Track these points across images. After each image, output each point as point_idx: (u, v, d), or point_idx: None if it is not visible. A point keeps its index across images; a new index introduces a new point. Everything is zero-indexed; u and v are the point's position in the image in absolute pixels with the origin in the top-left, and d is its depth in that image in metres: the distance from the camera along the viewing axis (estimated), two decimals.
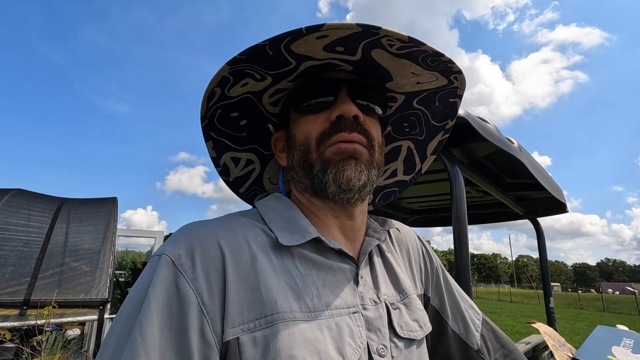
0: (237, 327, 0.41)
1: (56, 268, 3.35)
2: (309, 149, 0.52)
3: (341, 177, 0.49)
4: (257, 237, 0.49)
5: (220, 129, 0.59)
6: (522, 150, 1.40)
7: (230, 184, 0.66)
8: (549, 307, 2.20)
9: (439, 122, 0.67)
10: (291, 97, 0.57)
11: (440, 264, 0.72)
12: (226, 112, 0.57)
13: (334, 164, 0.50)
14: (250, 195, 0.69)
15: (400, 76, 0.58)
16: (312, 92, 0.54)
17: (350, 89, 0.54)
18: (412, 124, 0.68)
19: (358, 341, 0.47)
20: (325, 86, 0.54)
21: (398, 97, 0.63)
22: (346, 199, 0.52)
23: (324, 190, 0.52)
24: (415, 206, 2.59)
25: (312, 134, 0.52)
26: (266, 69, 0.52)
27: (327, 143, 0.51)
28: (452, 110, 0.64)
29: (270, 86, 0.56)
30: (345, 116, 0.51)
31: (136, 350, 0.37)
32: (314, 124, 0.53)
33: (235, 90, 0.54)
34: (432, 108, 0.65)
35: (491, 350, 0.69)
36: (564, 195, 1.99)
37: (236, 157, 0.64)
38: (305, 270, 0.49)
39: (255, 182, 0.68)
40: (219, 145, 0.61)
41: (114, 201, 4.49)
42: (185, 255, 0.43)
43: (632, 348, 1.29)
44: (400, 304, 0.56)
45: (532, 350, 1.73)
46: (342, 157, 0.50)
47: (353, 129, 0.51)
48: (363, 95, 0.55)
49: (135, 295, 0.41)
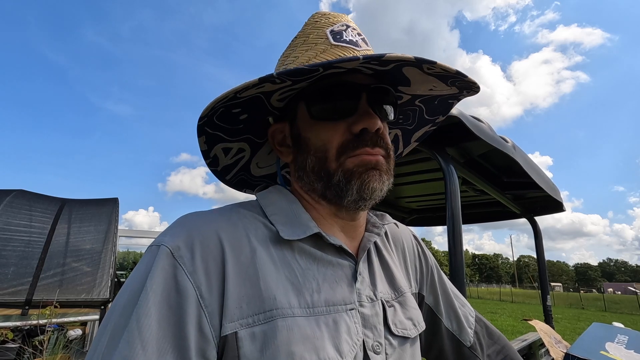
0: (236, 321, 0.41)
1: (58, 268, 3.37)
2: (328, 158, 0.51)
3: (366, 188, 0.50)
4: (257, 230, 0.49)
5: (217, 124, 0.57)
6: (517, 149, 1.42)
7: (218, 172, 0.65)
8: (546, 304, 2.22)
9: (431, 116, 0.68)
10: (305, 97, 0.54)
11: (435, 263, 0.72)
12: (228, 109, 0.55)
13: (357, 175, 0.50)
14: (236, 180, 0.68)
15: (418, 85, 0.57)
16: (331, 96, 0.52)
17: (370, 95, 0.52)
18: (406, 116, 0.69)
19: (354, 338, 0.47)
20: (345, 91, 0.52)
21: (405, 97, 0.64)
22: (362, 206, 0.52)
23: (340, 198, 0.51)
24: (413, 205, 2.60)
25: (333, 144, 0.51)
26: (291, 75, 0.48)
27: (349, 154, 0.50)
28: (446, 108, 0.65)
29: (286, 86, 0.53)
30: (369, 129, 0.50)
31: (133, 342, 0.36)
32: (333, 132, 0.51)
33: (248, 92, 0.51)
34: (430, 105, 0.65)
35: (484, 346, 0.70)
36: (560, 194, 2.00)
37: (227, 147, 0.62)
38: (306, 264, 0.49)
39: (242, 168, 0.67)
40: (212, 138, 0.59)
41: (115, 202, 4.51)
42: (185, 247, 0.43)
43: (626, 344, 1.30)
44: (395, 302, 0.56)
45: (529, 347, 1.74)
46: (365, 169, 0.50)
47: (376, 144, 0.51)
48: (380, 100, 0.54)
49: (133, 286, 0.41)
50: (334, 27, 0.55)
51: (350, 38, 0.54)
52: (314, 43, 0.55)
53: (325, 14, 0.58)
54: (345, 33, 0.54)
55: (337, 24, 0.56)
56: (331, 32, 0.54)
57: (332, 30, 0.55)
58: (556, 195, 1.93)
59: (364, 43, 0.55)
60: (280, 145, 0.59)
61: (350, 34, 0.55)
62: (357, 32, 0.56)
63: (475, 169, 1.62)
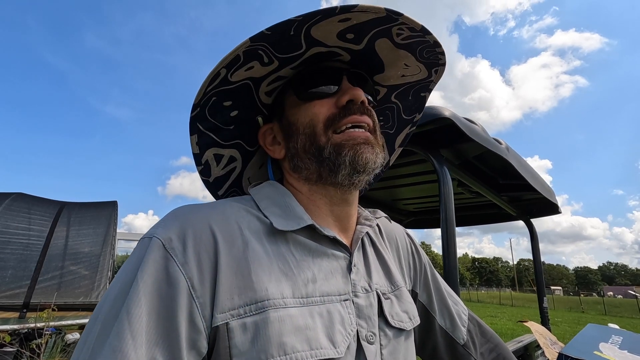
0: (227, 312, 0.41)
1: (56, 271, 3.37)
2: (316, 132, 0.53)
3: (360, 159, 0.50)
4: (250, 223, 0.49)
5: (209, 120, 0.58)
6: (510, 150, 1.44)
7: (210, 185, 0.65)
8: (542, 307, 2.22)
9: (408, 115, 0.71)
10: (293, 84, 0.58)
11: (427, 261, 0.73)
12: (220, 100, 0.56)
13: (349, 147, 0.51)
14: (228, 196, 0.68)
15: (391, 68, 0.61)
16: (316, 78, 0.56)
17: (350, 78, 0.57)
18: (386, 117, 0.72)
19: (348, 328, 0.47)
20: (328, 74, 0.56)
21: (381, 90, 0.67)
22: (356, 181, 0.53)
23: (334, 172, 0.52)
24: (411, 207, 2.61)
25: (319, 117, 0.54)
26: (277, 51, 0.52)
27: (337, 126, 0.52)
28: (420, 104, 0.69)
29: (272, 72, 0.56)
30: (355, 100, 0.53)
31: (123, 334, 0.36)
32: (320, 107, 0.54)
33: (238, 75, 0.54)
34: (405, 102, 0.69)
35: (477, 344, 0.71)
36: (555, 196, 2.02)
37: (219, 154, 0.63)
38: (301, 255, 0.49)
39: (234, 184, 0.68)
40: (204, 139, 0.60)
41: (114, 205, 4.52)
42: (177, 238, 0.43)
43: (619, 344, 1.31)
44: (392, 294, 0.57)
45: (525, 349, 1.75)
46: (357, 142, 0.51)
47: (363, 112, 0.54)
48: (360, 86, 0.57)
49: (124, 278, 0.41)
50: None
51: None
52: None
53: None
54: None
55: None
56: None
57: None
58: (551, 197, 1.94)
59: None
60: (272, 145, 0.61)
61: None
62: None
63: (470, 170, 1.64)
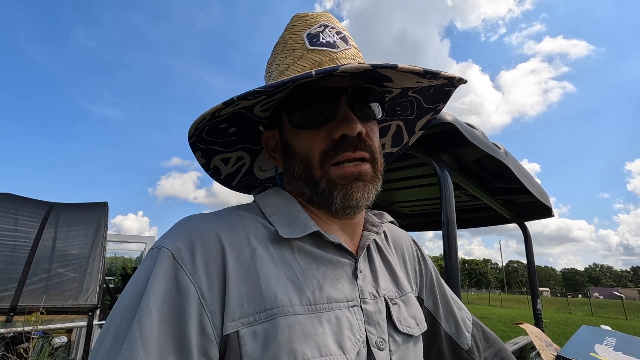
0: (237, 320, 0.41)
1: (44, 274, 3.29)
2: (312, 166, 0.51)
3: (350, 199, 0.50)
4: (256, 230, 0.49)
5: (208, 139, 0.57)
6: (508, 155, 1.45)
7: (222, 180, 0.66)
8: (536, 308, 2.25)
9: (431, 104, 0.65)
10: (285, 106, 0.55)
11: (433, 267, 0.73)
12: (214, 125, 0.55)
13: (340, 187, 0.50)
14: (242, 185, 0.69)
15: (402, 80, 0.57)
16: (309, 103, 0.51)
17: (350, 97, 0.51)
18: (404, 108, 0.68)
19: (357, 334, 0.47)
20: (322, 97, 0.51)
21: (394, 90, 0.63)
22: (351, 213, 0.53)
23: (327, 205, 0.52)
24: (406, 210, 2.63)
25: (315, 151, 0.51)
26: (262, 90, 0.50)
27: (332, 162, 0.50)
28: (445, 95, 0.62)
29: (262, 101, 0.54)
30: (348, 135, 0.49)
31: (135, 344, 0.36)
32: (315, 140, 0.51)
33: (225, 111, 0.52)
34: (426, 95, 0.64)
35: (481, 349, 0.71)
36: (549, 199, 2.05)
37: (226, 158, 0.63)
38: (306, 263, 0.49)
39: (246, 174, 0.68)
40: (208, 152, 0.59)
41: (104, 206, 4.43)
42: (185, 248, 0.43)
43: (614, 346, 1.33)
44: (399, 300, 0.57)
45: (520, 351, 1.77)
46: (348, 180, 0.50)
47: (357, 147, 0.50)
48: (363, 100, 0.53)
49: (134, 288, 0.41)
50: (311, 29, 0.54)
51: (327, 39, 0.53)
52: (291, 49, 0.54)
53: (303, 17, 0.57)
54: (322, 35, 0.54)
55: (314, 26, 0.55)
56: (308, 36, 0.54)
57: (308, 34, 0.54)
58: (545, 200, 1.97)
59: (343, 42, 0.54)
60: (274, 151, 0.60)
61: (327, 35, 0.54)
62: (337, 30, 0.55)
63: (467, 174, 1.65)
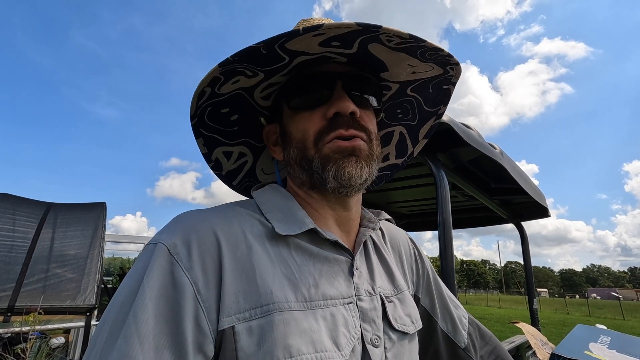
0: (233, 316, 0.41)
1: (42, 274, 3.29)
2: (306, 146, 0.52)
3: (342, 174, 0.50)
4: (253, 227, 0.50)
5: (210, 125, 0.58)
6: (504, 155, 1.47)
7: (223, 177, 0.66)
8: (532, 308, 2.27)
9: (432, 107, 0.66)
10: (284, 92, 0.56)
11: (430, 266, 0.73)
12: (216, 108, 0.56)
13: (333, 161, 0.50)
14: (243, 186, 0.69)
15: (396, 67, 0.57)
16: (306, 87, 0.53)
17: (346, 82, 0.53)
18: (405, 110, 0.67)
19: (352, 331, 0.47)
20: (319, 81, 0.52)
21: (392, 86, 0.63)
22: (345, 192, 0.52)
23: (323, 185, 0.52)
24: (404, 210, 2.64)
25: (310, 132, 0.52)
26: (258, 65, 0.51)
27: (325, 140, 0.51)
28: (445, 96, 0.63)
29: (262, 81, 0.55)
30: (342, 113, 0.50)
31: (130, 338, 0.37)
32: (310, 121, 0.52)
33: (225, 88, 0.53)
34: (426, 94, 0.64)
35: (477, 347, 0.71)
36: (545, 199, 2.06)
37: (228, 151, 0.63)
38: (302, 260, 0.49)
39: (248, 174, 0.68)
40: (210, 140, 0.60)
41: (102, 206, 4.42)
42: (181, 244, 0.43)
43: (608, 344, 1.35)
44: (395, 298, 0.57)
45: (516, 350, 1.78)
46: (342, 155, 0.50)
47: (350, 125, 0.51)
48: (358, 88, 0.54)
49: (130, 283, 0.41)
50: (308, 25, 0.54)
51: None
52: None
53: (307, 20, 0.58)
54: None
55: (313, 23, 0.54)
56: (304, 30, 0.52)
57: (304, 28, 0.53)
58: (542, 200, 1.98)
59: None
60: (274, 145, 0.61)
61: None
62: None
63: (464, 174, 1.66)
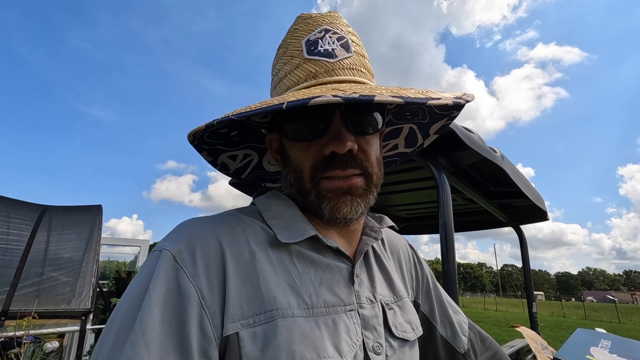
0: (237, 322, 0.42)
1: (36, 277, 3.25)
2: (303, 178, 0.51)
3: (337, 212, 0.50)
4: (256, 234, 0.50)
5: (211, 141, 0.57)
6: (505, 159, 1.47)
7: (232, 174, 0.66)
8: (531, 311, 2.26)
9: (444, 110, 0.62)
10: (282, 119, 0.54)
11: (429, 271, 0.73)
12: (214, 131, 0.55)
13: (328, 200, 0.50)
14: (253, 177, 0.70)
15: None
16: (302, 118, 0.50)
17: (345, 112, 0.49)
18: (414, 113, 0.65)
19: (354, 338, 0.47)
20: (316, 111, 0.49)
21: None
22: (342, 224, 0.53)
23: (319, 217, 0.52)
24: (403, 214, 2.64)
25: (305, 165, 0.51)
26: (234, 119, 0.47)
27: (321, 176, 0.50)
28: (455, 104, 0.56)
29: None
30: (337, 152, 0.48)
31: (137, 344, 0.37)
32: (307, 153, 0.51)
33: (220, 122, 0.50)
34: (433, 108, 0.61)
35: (478, 353, 0.71)
36: (544, 203, 2.07)
37: (233, 155, 0.64)
38: (303, 267, 0.49)
39: (256, 167, 0.69)
40: (214, 151, 0.60)
41: (98, 209, 4.38)
42: (186, 250, 0.44)
43: (609, 348, 1.34)
44: (395, 305, 0.57)
45: (517, 354, 1.77)
46: (337, 194, 0.50)
47: (347, 165, 0.49)
48: (359, 113, 0.51)
49: (136, 290, 0.41)
50: (311, 35, 0.54)
51: (326, 48, 0.52)
52: (290, 56, 0.54)
53: (305, 19, 0.57)
54: (321, 42, 0.53)
55: (314, 31, 0.54)
56: (307, 43, 0.53)
57: (307, 41, 0.53)
58: (541, 204, 1.99)
59: (343, 49, 0.53)
60: (276, 154, 0.60)
61: (327, 42, 0.53)
62: (338, 35, 0.54)
63: (464, 177, 1.67)
